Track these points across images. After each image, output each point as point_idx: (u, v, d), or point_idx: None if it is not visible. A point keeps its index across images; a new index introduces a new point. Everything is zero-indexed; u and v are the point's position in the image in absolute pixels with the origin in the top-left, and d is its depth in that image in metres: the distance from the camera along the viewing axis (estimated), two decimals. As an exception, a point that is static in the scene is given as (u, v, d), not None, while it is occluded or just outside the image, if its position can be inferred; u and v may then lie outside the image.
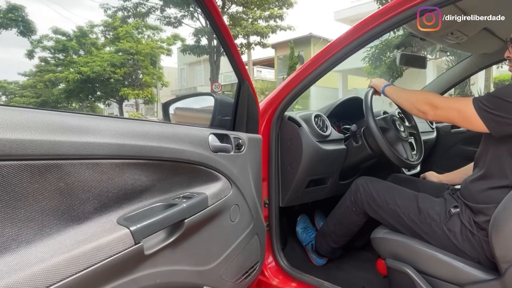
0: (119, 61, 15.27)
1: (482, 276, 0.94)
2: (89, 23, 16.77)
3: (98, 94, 16.67)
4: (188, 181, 0.83)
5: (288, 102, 1.26)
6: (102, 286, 0.58)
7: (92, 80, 14.97)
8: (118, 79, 15.43)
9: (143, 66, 16.08)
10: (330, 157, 1.33)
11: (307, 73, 1.20)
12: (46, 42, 15.41)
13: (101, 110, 20.36)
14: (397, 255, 1.11)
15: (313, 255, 1.51)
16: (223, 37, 0.91)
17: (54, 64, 15.67)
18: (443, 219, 1.04)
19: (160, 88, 19.77)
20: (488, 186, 0.98)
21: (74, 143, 0.55)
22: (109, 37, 16.84)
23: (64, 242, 0.55)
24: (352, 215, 1.29)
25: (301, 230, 1.58)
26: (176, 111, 1.14)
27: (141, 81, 16.26)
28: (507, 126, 0.89)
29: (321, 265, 1.50)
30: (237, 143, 0.99)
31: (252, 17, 13.34)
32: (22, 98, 15.90)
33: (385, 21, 1.05)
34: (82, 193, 0.58)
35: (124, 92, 15.37)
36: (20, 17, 12.90)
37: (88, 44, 16.10)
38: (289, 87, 1.24)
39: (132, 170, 0.67)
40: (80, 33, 15.98)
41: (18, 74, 16.55)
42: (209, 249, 0.88)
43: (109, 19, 16.23)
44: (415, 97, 1.12)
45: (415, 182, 1.40)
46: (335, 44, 1.15)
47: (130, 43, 15.58)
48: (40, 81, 15.46)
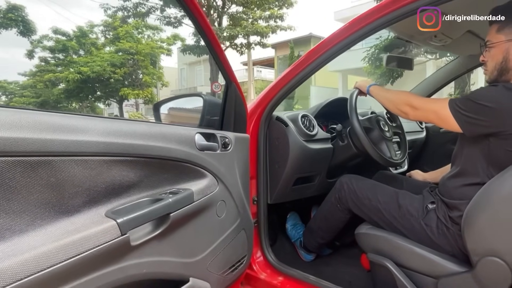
0: (119, 61, 15.32)
1: (456, 268, 0.99)
2: (89, 23, 16.86)
3: (98, 94, 16.73)
4: (175, 177, 0.88)
5: (276, 102, 1.31)
6: (90, 273, 0.63)
7: (92, 80, 15.02)
8: (118, 79, 15.47)
9: (143, 66, 16.13)
10: (317, 155, 1.38)
11: (294, 74, 1.24)
12: (46, 42, 15.49)
13: (101, 110, 20.43)
14: (379, 250, 1.15)
15: (302, 251, 1.56)
16: (209, 40, 0.96)
17: (54, 64, 15.71)
18: (420, 215, 1.09)
19: (160, 88, 19.84)
20: (462, 183, 1.03)
21: (64, 141, 0.60)
22: (109, 37, 16.90)
23: (55, 232, 0.60)
24: (337, 212, 1.34)
25: (290, 227, 1.63)
26: (167, 112, 1.18)
27: (141, 81, 16.30)
28: (478, 127, 0.94)
29: (309, 260, 1.55)
30: (224, 142, 1.04)
31: (252, 17, 13.36)
32: (22, 98, 15.94)
33: (365, 26, 1.09)
34: (72, 188, 0.63)
35: (124, 92, 15.42)
36: (20, 17, 12.94)
37: (88, 44, 16.15)
38: (277, 88, 1.29)
39: (119, 166, 0.72)
40: (80, 33, 16.04)
41: (18, 74, 16.62)
42: (195, 242, 0.92)
43: (109, 19, 16.29)
44: (397, 98, 1.16)
45: (400, 180, 1.45)
46: (320, 46, 1.19)
47: (130, 43, 15.63)
48: (40, 81, 15.49)
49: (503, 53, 0.99)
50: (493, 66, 1.02)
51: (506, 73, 1.00)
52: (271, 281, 1.29)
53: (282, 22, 13.25)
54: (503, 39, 0.98)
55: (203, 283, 0.94)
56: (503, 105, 0.90)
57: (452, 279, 0.98)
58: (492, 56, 1.02)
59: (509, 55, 0.97)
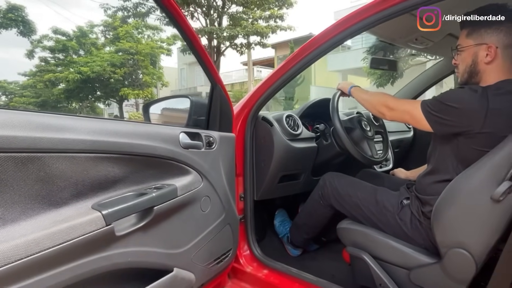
0: (119, 61, 15.36)
1: (427, 260, 1.05)
2: (89, 23, 16.91)
3: (98, 94, 16.76)
4: (160, 174, 0.94)
5: (262, 103, 1.36)
6: (77, 260, 0.69)
7: (92, 80, 15.06)
8: (118, 79, 15.50)
9: (143, 66, 16.15)
10: (301, 154, 1.44)
11: (278, 77, 1.30)
12: (46, 42, 15.53)
13: (101, 110, 20.48)
14: (357, 244, 1.21)
15: (289, 247, 1.62)
16: (192, 44, 1.01)
17: (54, 64, 15.75)
18: (396, 210, 1.15)
19: (160, 88, 19.85)
20: (434, 180, 1.09)
21: (52, 139, 0.66)
22: (109, 37, 16.95)
23: (44, 222, 0.66)
24: (320, 208, 1.40)
25: (278, 223, 1.69)
26: (156, 112, 1.24)
27: (141, 81, 16.34)
28: (446, 126, 1.00)
29: (296, 255, 1.61)
30: (208, 141, 1.10)
31: (252, 17, 13.38)
32: (22, 98, 15.98)
33: (345, 30, 1.15)
34: (60, 182, 0.69)
35: (124, 92, 15.45)
36: (20, 17, 13.00)
37: (88, 44, 16.20)
38: (262, 90, 1.34)
39: (105, 163, 0.78)
40: (80, 33, 16.09)
41: (18, 74, 16.66)
42: (179, 235, 0.98)
43: (109, 19, 16.34)
44: (375, 100, 1.22)
45: (382, 177, 1.51)
46: (299, 52, 1.25)
47: (130, 43, 15.66)
48: (40, 81, 15.53)
49: (472, 56, 1.05)
50: (463, 68, 1.08)
51: (475, 75, 1.05)
52: (256, 274, 1.35)
53: (282, 22, 13.28)
54: (472, 43, 1.04)
55: (187, 273, 1.00)
56: (468, 106, 0.96)
57: (423, 270, 1.04)
58: (462, 60, 1.08)
59: (478, 59, 1.03)
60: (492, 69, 1.02)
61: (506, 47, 1.00)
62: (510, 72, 1.02)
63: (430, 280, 1.03)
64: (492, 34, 1.00)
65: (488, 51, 1.00)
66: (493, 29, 1.00)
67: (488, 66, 1.02)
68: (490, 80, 1.02)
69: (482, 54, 1.02)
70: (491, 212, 0.89)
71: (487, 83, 1.02)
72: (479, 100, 0.95)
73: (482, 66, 1.03)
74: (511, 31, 0.99)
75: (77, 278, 0.70)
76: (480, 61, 1.03)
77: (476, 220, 0.93)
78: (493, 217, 0.90)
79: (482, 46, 1.01)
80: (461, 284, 0.97)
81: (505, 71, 1.02)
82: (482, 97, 0.96)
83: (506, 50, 1.00)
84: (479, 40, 1.02)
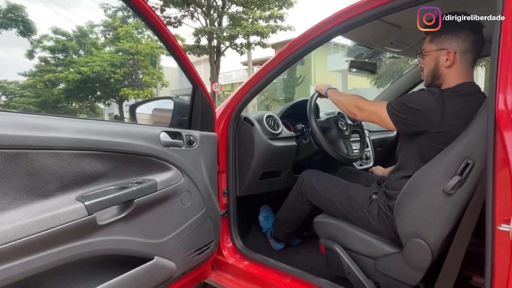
0: (119, 61, 15.45)
1: (391, 250, 1.13)
2: (89, 23, 17.01)
3: (98, 94, 16.87)
4: (141, 170, 1.02)
5: (243, 104, 1.44)
6: (61, 245, 0.77)
7: (92, 80, 15.17)
8: (118, 79, 15.61)
9: (143, 66, 16.24)
10: (281, 152, 1.52)
11: (257, 80, 1.38)
12: (46, 42, 15.63)
13: (101, 110, 20.59)
14: (331, 236, 1.30)
15: (272, 240, 1.71)
16: (171, 49, 1.09)
17: (54, 64, 15.85)
18: (365, 204, 1.23)
19: (160, 88, 19.94)
20: (400, 176, 1.17)
21: (39, 137, 0.74)
22: (109, 37, 17.04)
23: (31, 211, 0.74)
24: (299, 204, 1.48)
25: (262, 219, 1.78)
26: (142, 112, 1.32)
27: (141, 81, 16.43)
28: (407, 126, 1.09)
29: (279, 249, 1.69)
30: (189, 140, 1.18)
31: (252, 17, 13.43)
32: (22, 98, 16.07)
33: (320, 34, 1.22)
34: (46, 175, 0.77)
35: (124, 92, 15.54)
36: (20, 17, 13.09)
37: (88, 44, 16.31)
38: (243, 92, 1.42)
39: (88, 159, 0.86)
40: (80, 33, 16.20)
41: (18, 74, 16.75)
42: (160, 226, 1.07)
43: (109, 19, 16.44)
44: (347, 101, 1.30)
45: (360, 174, 1.59)
46: (276, 57, 1.32)
47: (130, 43, 15.75)
48: (40, 81, 15.63)
49: (434, 60, 1.13)
50: (427, 72, 1.16)
51: (437, 78, 1.14)
52: (238, 265, 1.43)
53: (282, 22, 13.31)
54: (434, 48, 1.12)
55: (167, 262, 1.09)
56: (427, 107, 1.04)
57: (387, 259, 1.13)
58: (426, 63, 1.16)
59: (439, 63, 1.11)
60: (452, 72, 1.10)
61: (464, 53, 1.08)
62: (468, 76, 1.10)
63: (392, 268, 1.11)
64: (451, 40, 1.08)
65: (448, 56, 1.08)
66: (452, 35, 1.08)
67: (448, 70, 1.10)
68: (450, 82, 1.10)
69: (443, 58, 1.10)
70: (444, 204, 0.97)
71: (448, 85, 1.10)
72: (437, 102, 1.04)
73: (443, 70, 1.11)
74: (468, 37, 1.06)
75: (63, 261, 0.78)
76: (441, 65, 1.11)
77: (432, 212, 1.01)
78: (445, 209, 0.98)
79: (443, 51, 1.09)
80: (419, 271, 1.05)
81: (463, 74, 1.10)
82: (439, 99, 1.04)
83: (464, 55, 1.08)
84: (440, 45, 1.10)
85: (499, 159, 0.76)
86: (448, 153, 0.99)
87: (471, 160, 0.92)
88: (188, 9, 12.95)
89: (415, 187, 1.05)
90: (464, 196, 0.95)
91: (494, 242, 0.78)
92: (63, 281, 0.84)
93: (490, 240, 0.79)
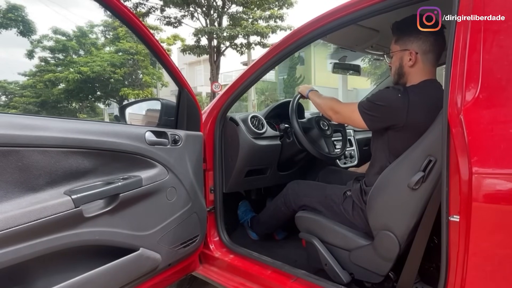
0: (119, 61, 15.53)
1: (363, 242, 1.20)
2: (89, 23, 17.10)
3: (98, 94, 16.97)
4: (127, 166, 1.09)
5: (229, 105, 1.51)
6: (49, 235, 0.84)
7: (92, 80, 15.25)
8: (118, 79, 15.69)
9: (143, 66, 16.32)
10: (265, 151, 1.59)
11: (241, 82, 1.44)
12: (46, 42, 15.72)
13: (101, 110, 20.68)
14: (310, 230, 1.36)
15: (249, 230, 1.82)
16: (155, 52, 1.16)
17: (54, 64, 15.94)
18: (340, 201, 1.30)
19: (160, 88, 20.00)
20: (373, 172, 1.24)
21: (28, 136, 0.82)
22: (109, 37, 17.13)
23: (22, 203, 0.81)
24: (281, 213, 1.56)
25: (241, 212, 1.88)
26: (131, 113, 1.39)
27: (141, 81, 16.51)
28: (376, 122, 1.17)
29: (255, 238, 1.79)
30: (174, 139, 1.25)
31: (252, 17, 13.46)
32: (22, 98, 16.17)
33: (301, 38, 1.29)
34: (36, 171, 0.85)
35: (124, 92, 15.61)
36: (20, 17, 13.17)
37: (88, 44, 16.40)
38: (229, 92, 1.49)
39: (75, 156, 0.93)
40: (80, 33, 16.29)
41: (18, 74, 16.85)
42: (145, 219, 1.13)
43: (109, 19, 16.52)
44: (324, 104, 1.37)
45: (341, 173, 1.66)
46: (257, 61, 1.39)
47: (130, 43, 15.82)
48: (40, 81, 15.71)
49: (399, 60, 1.20)
50: (394, 70, 1.24)
51: (402, 76, 1.21)
52: (224, 258, 1.49)
53: (282, 22, 13.35)
54: (399, 49, 1.20)
55: (152, 253, 1.15)
56: (392, 103, 1.12)
57: (360, 251, 1.20)
58: (393, 63, 1.24)
59: (403, 62, 1.19)
60: (415, 71, 1.18)
61: (425, 53, 1.15)
62: (431, 74, 1.18)
63: (365, 259, 1.18)
64: (413, 42, 1.15)
65: (411, 56, 1.16)
66: (413, 37, 1.15)
67: (412, 69, 1.18)
68: (414, 80, 1.18)
69: (406, 58, 1.17)
70: (409, 199, 1.04)
71: (412, 83, 1.18)
72: (402, 97, 1.11)
73: (407, 69, 1.19)
74: (428, 39, 1.14)
75: (51, 249, 0.85)
76: (405, 65, 1.19)
77: (399, 206, 1.08)
78: (411, 203, 1.04)
79: (406, 52, 1.17)
80: (388, 261, 1.12)
81: (426, 73, 1.17)
82: (404, 95, 1.12)
83: (425, 56, 1.16)
84: (404, 46, 1.18)
85: (452, 156, 0.83)
86: (414, 151, 1.06)
87: (433, 157, 0.99)
88: (188, 9, 12.97)
89: (384, 183, 1.12)
90: (427, 191, 1.01)
91: (449, 231, 0.85)
92: (52, 269, 0.91)
93: (445, 230, 0.86)
